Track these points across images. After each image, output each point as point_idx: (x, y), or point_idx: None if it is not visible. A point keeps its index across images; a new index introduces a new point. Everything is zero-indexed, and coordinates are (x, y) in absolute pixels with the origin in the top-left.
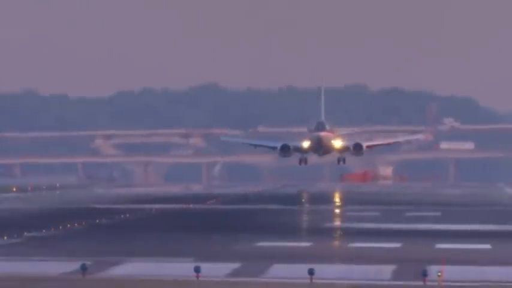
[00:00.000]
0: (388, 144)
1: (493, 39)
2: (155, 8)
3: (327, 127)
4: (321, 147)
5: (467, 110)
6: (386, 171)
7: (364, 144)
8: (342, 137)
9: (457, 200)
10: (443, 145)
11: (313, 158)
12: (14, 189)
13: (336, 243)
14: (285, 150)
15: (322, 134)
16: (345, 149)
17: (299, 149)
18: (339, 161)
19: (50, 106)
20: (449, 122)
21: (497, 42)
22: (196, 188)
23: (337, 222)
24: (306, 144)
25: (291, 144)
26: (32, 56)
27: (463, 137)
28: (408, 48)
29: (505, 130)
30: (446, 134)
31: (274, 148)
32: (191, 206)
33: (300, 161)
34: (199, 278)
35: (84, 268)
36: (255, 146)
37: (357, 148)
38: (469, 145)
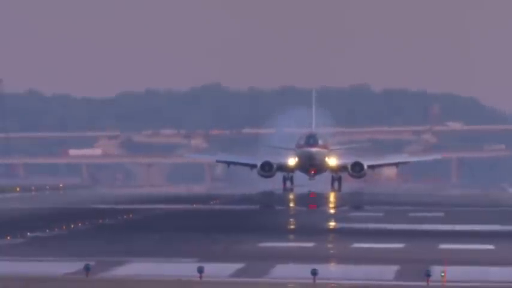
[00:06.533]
0: (396, 164)
1: (496, 39)
2: (158, 8)
3: (320, 141)
4: (311, 167)
5: (470, 110)
6: (390, 171)
7: (366, 164)
8: (338, 154)
9: (460, 200)
10: (72, 151)
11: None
12: (17, 189)
13: (339, 243)
14: (267, 168)
15: (314, 150)
16: (341, 169)
17: (284, 168)
18: (333, 181)
19: (53, 106)
20: (454, 126)
21: (500, 42)
22: (199, 189)
23: (340, 223)
24: (292, 161)
25: (274, 161)
26: (35, 57)
27: (465, 138)
28: (411, 49)
29: (508, 130)
30: (450, 135)
31: (253, 166)
32: (194, 206)
33: (285, 181)
34: (203, 278)
35: (87, 268)
36: (228, 164)
37: (357, 168)
38: (98, 151)
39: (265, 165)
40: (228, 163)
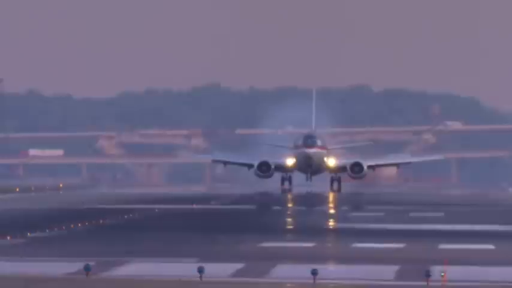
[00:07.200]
0: (397, 164)
1: (496, 39)
2: (157, 8)
3: (319, 142)
4: (309, 168)
5: (470, 110)
6: (390, 171)
7: (365, 164)
8: (338, 154)
9: (460, 200)
10: (32, 152)
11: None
12: (17, 190)
13: (339, 243)
14: (264, 169)
15: (312, 151)
16: (340, 169)
17: (282, 168)
18: (332, 181)
19: (53, 106)
20: (454, 125)
21: (500, 42)
22: (199, 189)
23: (340, 223)
24: (290, 161)
25: (272, 161)
26: (35, 57)
27: (465, 138)
28: (411, 49)
29: (508, 130)
30: (450, 135)
31: (250, 166)
32: (194, 206)
33: (283, 181)
34: (203, 279)
35: (87, 268)
36: (225, 163)
37: (356, 169)
38: (59, 152)
39: (262, 165)
40: (225, 163)
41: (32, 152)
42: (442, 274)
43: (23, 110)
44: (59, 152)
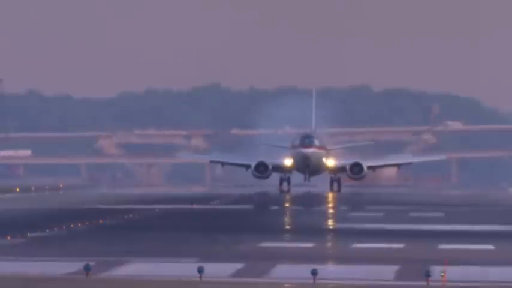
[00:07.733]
0: (397, 165)
1: (496, 39)
2: (157, 8)
3: (316, 142)
4: (307, 168)
5: (470, 110)
6: (390, 171)
7: (365, 164)
8: (338, 155)
9: (460, 200)
10: (1, 153)
11: None
12: (17, 190)
13: (339, 243)
14: (261, 169)
15: (309, 151)
16: (340, 170)
17: (280, 168)
18: (332, 182)
19: (53, 106)
20: (454, 125)
21: (501, 42)
22: (199, 189)
23: (340, 223)
24: (288, 162)
25: (269, 161)
26: (35, 57)
27: (465, 138)
28: (411, 49)
29: (508, 130)
30: (450, 135)
31: (247, 166)
32: (194, 206)
33: (281, 182)
34: (202, 278)
35: (87, 268)
36: (222, 164)
37: (356, 169)
38: (25, 152)
39: (259, 165)
40: (222, 163)
41: (1, 153)
42: (442, 274)
43: (23, 110)
44: (26, 152)
